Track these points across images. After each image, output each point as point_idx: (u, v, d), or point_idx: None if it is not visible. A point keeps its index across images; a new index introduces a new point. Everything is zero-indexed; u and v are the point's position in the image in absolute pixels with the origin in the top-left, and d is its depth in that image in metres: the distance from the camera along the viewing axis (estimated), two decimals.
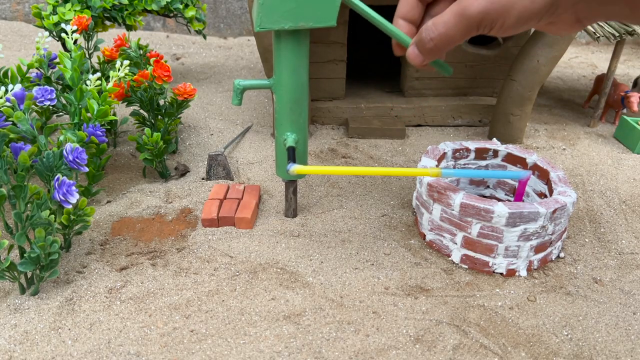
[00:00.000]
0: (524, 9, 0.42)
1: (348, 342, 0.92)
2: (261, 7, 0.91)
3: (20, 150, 0.95)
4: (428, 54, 0.52)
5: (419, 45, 0.51)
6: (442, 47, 0.49)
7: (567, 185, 1.15)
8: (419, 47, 0.51)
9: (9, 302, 0.98)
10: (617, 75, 2.63)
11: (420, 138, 1.80)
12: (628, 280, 1.11)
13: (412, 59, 0.54)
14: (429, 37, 0.49)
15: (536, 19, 0.43)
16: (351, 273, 1.10)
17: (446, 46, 0.49)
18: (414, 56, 0.53)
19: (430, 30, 0.49)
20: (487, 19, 0.44)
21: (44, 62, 1.41)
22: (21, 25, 3.09)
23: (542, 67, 1.58)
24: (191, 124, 1.84)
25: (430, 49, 0.50)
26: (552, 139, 1.83)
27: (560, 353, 0.91)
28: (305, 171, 1.04)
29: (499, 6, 0.43)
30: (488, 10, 0.44)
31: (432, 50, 0.50)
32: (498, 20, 0.44)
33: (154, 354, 0.88)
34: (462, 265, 1.12)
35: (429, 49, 0.50)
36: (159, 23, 3.24)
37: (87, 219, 1.05)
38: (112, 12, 1.92)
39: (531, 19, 0.43)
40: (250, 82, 1.08)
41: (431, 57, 0.52)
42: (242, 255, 1.14)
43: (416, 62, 0.54)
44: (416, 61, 0.54)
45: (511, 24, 0.44)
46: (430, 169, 1.06)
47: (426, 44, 0.50)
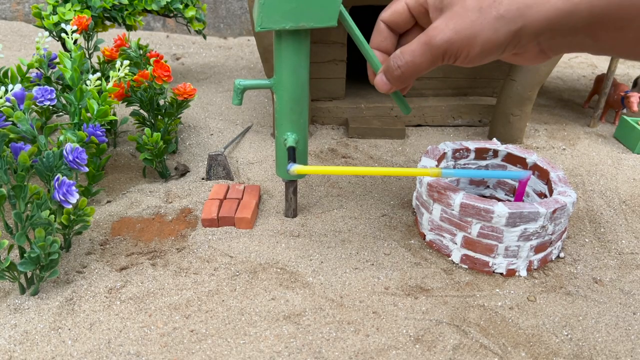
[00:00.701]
0: (488, 40, 0.43)
1: (348, 342, 0.92)
2: (262, 7, 0.91)
3: (20, 150, 0.95)
4: (395, 81, 0.54)
5: (387, 73, 0.53)
6: (408, 75, 0.51)
7: (567, 185, 1.15)
8: (387, 74, 0.54)
9: (9, 302, 0.98)
10: (617, 75, 2.63)
11: (420, 138, 1.80)
12: (628, 280, 1.11)
13: (380, 86, 0.56)
14: (397, 65, 0.51)
15: (500, 50, 0.44)
16: (351, 273, 1.10)
17: (413, 74, 0.51)
18: (382, 84, 0.56)
19: (398, 59, 0.51)
20: (451, 48, 0.45)
21: (44, 62, 1.41)
22: (21, 25, 3.09)
23: (542, 67, 1.58)
24: (191, 124, 1.84)
25: (398, 77, 0.52)
26: (552, 139, 1.83)
27: (560, 353, 0.91)
28: (305, 171, 1.04)
29: (463, 36, 0.44)
30: (453, 41, 0.45)
31: (399, 78, 0.52)
32: (462, 51, 0.45)
33: (154, 354, 0.88)
34: (462, 265, 1.12)
35: (396, 77, 0.52)
36: (159, 23, 3.24)
37: (87, 219, 1.05)
38: (112, 12, 1.92)
39: (495, 50, 0.44)
40: (250, 82, 1.08)
41: (398, 85, 0.54)
42: (242, 255, 1.14)
43: (383, 89, 0.56)
44: (383, 88, 0.56)
45: (475, 54, 0.45)
46: (430, 169, 1.06)
47: (394, 72, 0.52)
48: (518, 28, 0.41)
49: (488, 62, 0.47)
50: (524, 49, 0.44)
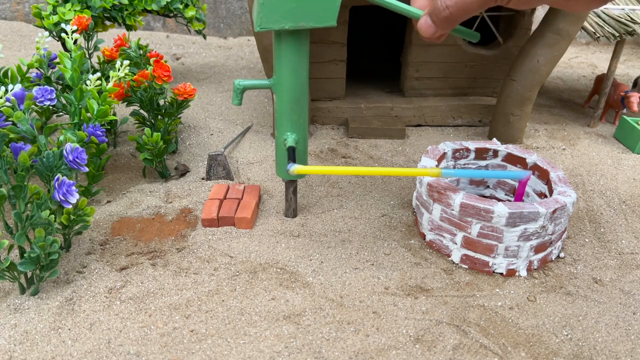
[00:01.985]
0: None
1: (348, 342, 0.92)
2: (261, 7, 0.91)
3: (20, 150, 0.95)
4: (442, 24, 0.48)
5: (433, 15, 0.48)
6: (457, 16, 0.47)
7: (567, 185, 1.15)
8: (433, 16, 0.48)
9: (9, 302, 0.98)
10: (617, 75, 2.63)
11: (420, 138, 1.80)
12: (628, 280, 1.11)
13: (424, 30, 0.51)
14: (445, 5, 0.46)
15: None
16: (351, 273, 1.10)
17: (462, 15, 0.47)
18: (426, 27, 0.50)
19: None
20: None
21: (44, 62, 1.41)
22: (21, 25, 3.09)
23: (542, 67, 1.58)
24: (191, 124, 1.84)
25: (445, 18, 0.47)
26: (552, 139, 1.83)
27: (560, 353, 0.91)
28: (305, 171, 1.04)
29: None
30: None
31: (447, 20, 0.47)
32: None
33: (154, 354, 0.88)
34: (462, 265, 1.12)
35: (444, 18, 0.47)
36: (159, 23, 3.24)
37: (87, 219, 1.05)
38: (112, 12, 1.92)
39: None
40: (250, 82, 1.08)
41: (445, 28, 0.49)
42: (242, 255, 1.14)
43: (428, 33, 0.51)
44: (428, 32, 0.51)
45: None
46: (430, 169, 1.06)
47: (441, 12, 0.47)
48: None
49: (541, 4, 0.44)
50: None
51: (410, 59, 1.83)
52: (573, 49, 3.26)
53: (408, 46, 1.84)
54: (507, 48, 1.85)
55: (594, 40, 1.69)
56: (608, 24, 1.73)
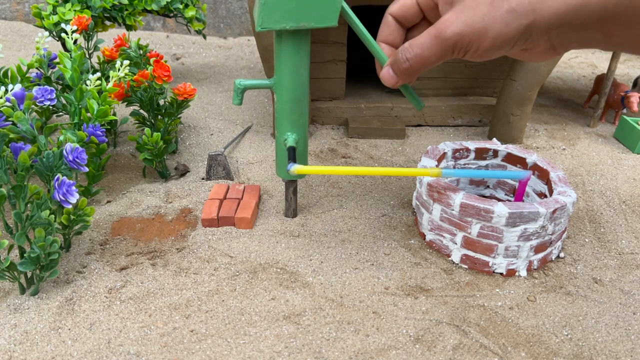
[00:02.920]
0: (499, 33, 0.43)
1: (348, 342, 0.92)
2: (262, 7, 0.91)
3: (20, 150, 0.95)
4: (402, 75, 0.52)
5: (394, 66, 0.52)
6: (417, 68, 0.50)
7: (567, 185, 1.15)
8: (394, 67, 0.52)
9: (9, 302, 0.98)
10: (617, 75, 2.63)
11: (420, 138, 1.80)
12: (628, 280, 1.11)
13: (386, 80, 0.55)
14: (405, 58, 0.50)
15: (510, 44, 0.44)
16: (351, 273, 1.10)
17: (421, 67, 0.50)
18: (388, 77, 0.54)
19: (407, 51, 0.49)
20: (462, 41, 0.45)
21: (44, 62, 1.41)
22: (21, 25, 3.09)
23: (542, 67, 1.58)
24: (191, 124, 1.84)
25: (406, 69, 0.51)
26: (552, 139, 1.83)
27: (560, 353, 0.91)
28: (305, 171, 1.04)
29: (474, 30, 0.43)
30: (463, 33, 0.44)
31: (407, 71, 0.51)
32: (473, 44, 0.45)
33: (154, 354, 0.88)
34: (462, 265, 1.12)
35: (404, 69, 0.51)
36: (159, 23, 3.24)
37: (87, 219, 1.05)
38: (112, 12, 1.92)
39: (505, 44, 0.44)
40: (250, 82, 1.08)
41: (405, 79, 0.53)
42: (242, 255, 1.14)
43: (389, 83, 0.55)
44: (390, 82, 0.55)
45: (486, 48, 0.44)
46: (430, 169, 1.06)
47: (402, 64, 0.51)
48: (529, 22, 0.41)
49: (497, 57, 0.47)
50: (534, 44, 0.44)
51: None
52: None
53: None
54: None
55: None
56: None
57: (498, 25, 0.42)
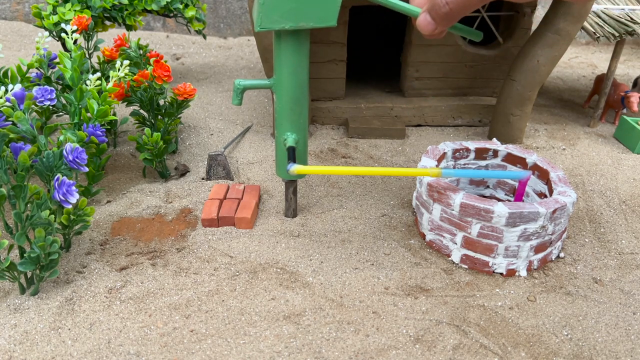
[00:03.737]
0: None
1: (348, 342, 0.92)
2: (261, 7, 0.91)
3: (20, 150, 0.95)
4: (441, 20, 0.48)
5: (432, 11, 0.48)
6: (457, 12, 0.46)
7: (567, 185, 1.15)
8: (432, 13, 0.48)
9: (9, 302, 0.98)
10: (617, 75, 2.63)
11: (420, 138, 1.80)
12: (628, 280, 1.11)
13: (423, 27, 0.50)
14: (444, 1, 0.46)
15: None
16: (351, 273, 1.10)
17: (462, 11, 0.46)
18: (426, 24, 0.49)
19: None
20: None
21: (44, 62, 1.41)
22: (21, 25, 3.09)
23: (542, 67, 1.58)
24: (191, 124, 1.84)
25: (445, 14, 0.46)
26: (552, 139, 1.83)
27: (560, 353, 0.91)
28: (305, 171, 1.04)
29: None
30: None
31: (447, 16, 0.46)
32: None
33: (154, 354, 0.88)
34: (462, 265, 1.12)
35: (443, 14, 0.46)
36: (159, 23, 3.24)
37: (87, 219, 1.05)
38: (112, 12, 1.92)
39: None
40: (250, 82, 1.08)
41: (444, 24, 0.48)
42: (242, 255, 1.14)
43: (427, 30, 0.50)
44: (427, 29, 0.50)
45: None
46: (430, 169, 1.06)
47: (441, 9, 0.46)
48: None
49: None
50: None
51: (410, 59, 1.83)
52: (573, 49, 3.26)
53: (408, 46, 1.84)
54: (507, 48, 1.85)
55: (594, 40, 1.69)
56: (608, 24, 1.73)
57: None
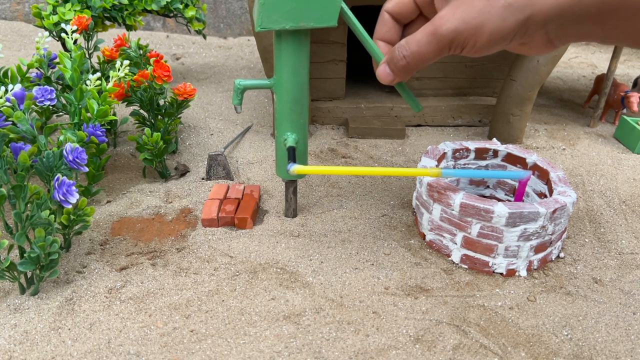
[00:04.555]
0: (495, 28, 0.42)
1: (348, 342, 0.92)
2: (262, 7, 0.91)
3: (20, 150, 0.95)
4: (399, 72, 0.52)
5: (391, 63, 0.51)
6: (413, 65, 0.50)
7: (567, 185, 1.15)
8: (391, 65, 0.52)
9: (9, 302, 0.98)
10: (617, 75, 2.63)
11: (420, 138, 1.80)
12: (628, 280, 1.11)
13: (383, 77, 0.54)
14: (402, 55, 0.49)
15: (507, 39, 0.43)
16: (351, 273, 1.10)
17: (418, 64, 0.50)
18: (385, 74, 0.53)
19: (403, 48, 0.49)
20: (458, 38, 0.44)
21: (44, 62, 1.41)
22: (21, 25, 3.09)
23: (542, 67, 1.58)
24: (191, 124, 1.84)
25: (403, 67, 0.50)
26: (552, 139, 1.83)
27: (560, 353, 0.91)
28: (305, 171, 1.04)
29: (471, 26, 0.43)
30: (460, 30, 0.44)
31: (404, 68, 0.50)
32: (470, 40, 0.44)
33: (154, 354, 0.88)
34: (462, 265, 1.12)
35: (401, 67, 0.50)
36: (159, 23, 3.24)
37: (87, 219, 1.05)
38: (112, 12, 1.92)
39: (502, 39, 0.43)
40: (250, 82, 1.08)
41: (402, 76, 0.52)
42: (242, 255, 1.14)
43: (386, 80, 0.54)
44: (386, 79, 0.54)
45: (483, 44, 0.44)
46: (430, 169, 1.06)
47: (398, 62, 0.50)
48: (526, 17, 0.41)
49: (494, 52, 0.46)
50: (532, 38, 0.43)
51: None
52: (573, 49, 3.26)
53: None
54: None
55: None
56: None
57: (494, 20, 0.42)
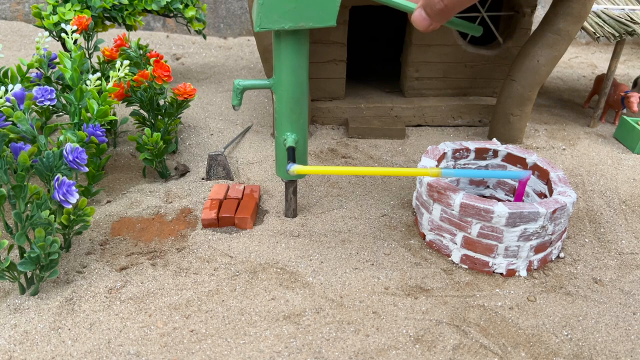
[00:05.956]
0: None
1: (348, 342, 0.92)
2: (261, 7, 0.91)
3: (20, 150, 0.95)
4: (436, 16, 0.48)
5: (427, 7, 0.48)
6: (451, 8, 0.46)
7: (567, 185, 1.15)
8: (427, 9, 0.48)
9: (9, 302, 0.98)
10: (617, 75, 2.63)
11: (420, 138, 1.80)
12: (628, 280, 1.11)
13: (418, 23, 0.50)
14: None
15: None
16: (351, 273, 1.10)
17: (456, 7, 0.46)
18: (421, 19, 0.50)
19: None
20: None
21: (44, 62, 1.41)
22: (21, 25, 3.09)
23: (542, 67, 1.58)
24: (191, 124, 1.84)
25: (440, 10, 0.47)
26: (552, 139, 1.83)
27: (560, 353, 0.91)
28: (305, 171, 1.04)
29: None
30: None
31: (442, 12, 0.47)
32: None
33: (154, 354, 0.88)
34: (462, 265, 1.12)
35: (438, 10, 0.47)
36: (159, 23, 3.24)
37: (87, 219, 1.05)
38: (112, 12, 1.92)
39: None
40: (250, 82, 1.08)
41: (439, 20, 0.49)
42: (242, 255, 1.14)
43: (422, 26, 0.50)
44: (422, 25, 0.50)
45: None
46: (430, 169, 1.06)
47: (435, 5, 0.47)
48: None
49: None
50: None
51: (410, 59, 1.83)
52: (573, 49, 3.26)
53: (408, 46, 1.84)
54: (507, 48, 1.85)
55: (594, 40, 1.69)
56: (608, 24, 1.73)
57: None
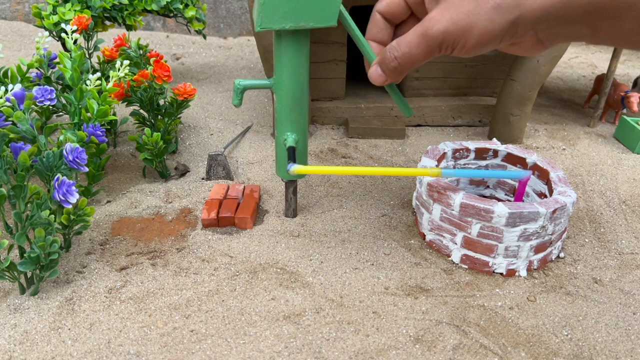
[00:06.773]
0: (485, 29, 0.43)
1: (348, 342, 0.92)
2: (262, 7, 0.91)
3: (20, 150, 0.95)
4: (390, 73, 0.52)
5: (382, 65, 0.52)
6: (404, 66, 0.50)
7: (567, 185, 1.15)
8: (382, 66, 0.52)
9: (9, 302, 0.98)
10: (617, 75, 2.63)
11: (420, 138, 1.80)
12: (628, 280, 1.11)
13: (374, 78, 0.55)
14: (393, 56, 0.50)
15: (497, 40, 0.44)
16: (351, 273, 1.10)
17: (409, 66, 0.50)
18: (376, 75, 0.54)
19: (394, 49, 0.49)
20: (448, 39, 0.45)
21: (44, 62, 1.41)
22: (21, 25, 3.09)
23: (542, 67, 1.58)
24: (191, 124, 1.84)
25: (394, 68, 0.51)
26: (552, 139, 1.83)
27: (560, 353, 0.91)
28: (305, 171, 1.04)
29: (460, 27, 0.43)
30: (449, 31, 0.44)
31: (395, 69, 0.51)
32: (459, 41, 0.45)
33: (154, 354, 0.88)
34: (462, 265, 1.12)
35: (392, 68, 0.51)
36: (159, 23, 3.24)
37: (87, 219, 1.05)
38: (112, 12, 1.92)
39: (492, 40, 0.44)
40: (250, 82, 1.08)
41: (393, 77, 0.53)
42: (242, 255, 1.14)
43: (378, 81, 0.55)
44: (378, 80, 0.55)
45: (472, 45, 0.44)
46: (430, 169, 1.06)
47: (389, 63, 0.50)
48: (515, 18, 0.41)
49: (485, 52, 0.47)
50: (521, 39, 0.44)
51: None
52: (573, 49, 3.26)
53: None
54: None
55: None
56: None
57: (483, 21, 0.42)
